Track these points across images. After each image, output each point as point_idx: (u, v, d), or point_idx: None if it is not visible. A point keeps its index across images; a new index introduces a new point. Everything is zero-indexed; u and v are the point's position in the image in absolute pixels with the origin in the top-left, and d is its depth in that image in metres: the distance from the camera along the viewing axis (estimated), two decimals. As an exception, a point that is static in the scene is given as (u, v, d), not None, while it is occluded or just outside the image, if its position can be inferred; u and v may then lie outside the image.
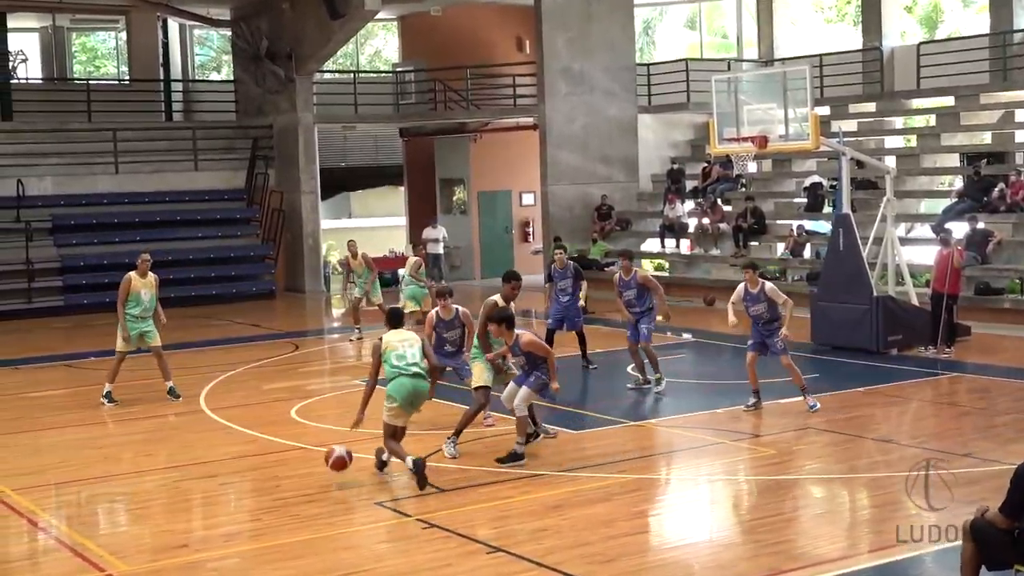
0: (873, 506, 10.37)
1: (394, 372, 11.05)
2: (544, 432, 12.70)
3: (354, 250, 21.25)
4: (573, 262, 17.98)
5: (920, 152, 27.07)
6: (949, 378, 16.24)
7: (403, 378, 11.02)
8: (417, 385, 11.11)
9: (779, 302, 13.80)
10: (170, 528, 10.14)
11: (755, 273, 14.05)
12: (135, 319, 15.52)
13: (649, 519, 10.32)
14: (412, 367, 11.08)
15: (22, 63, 32.55)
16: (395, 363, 11.05)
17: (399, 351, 11.10)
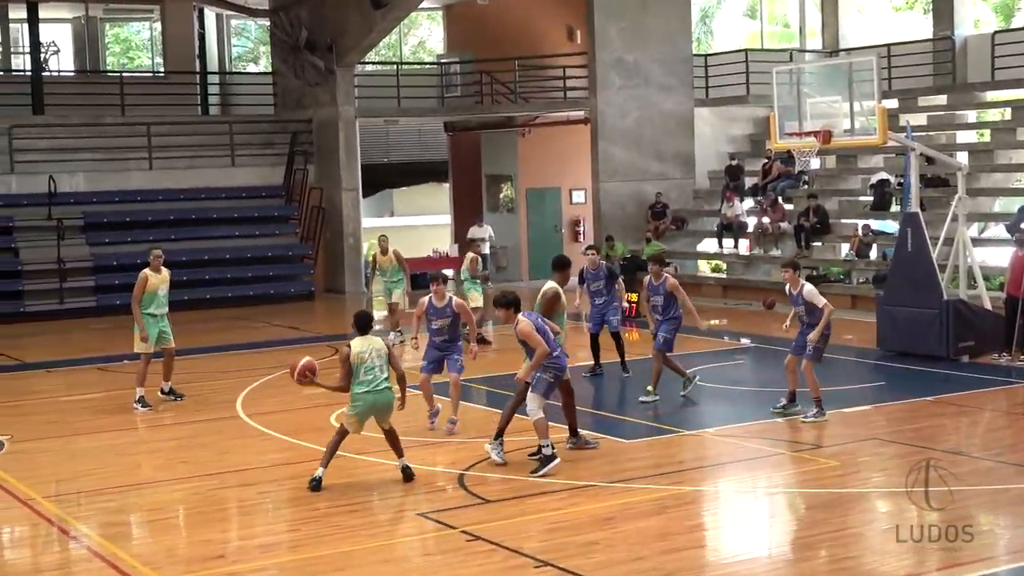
0: (942, 522, 10.28)
1: (362, 387, 11.27)
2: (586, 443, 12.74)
3: (385, 246, 21.31)
4: (606, 262, 17.87)
5: (994, 147, 26.79)
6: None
7: (370, 395, 11.28)
8: (381, 399, 11.34)
9: (818, 305, 13.70)
10: (206, 538, 10.24)
11: (795, 273, 14.04)
12: (154, 318, 15.78)
13: (705, 533, 10.30)
14: (381, 384, 11.30)
15: (54, 55, 33.00)
16: (364, 377, 11.26)
17: (368, 364, 11.26)
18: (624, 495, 11.05)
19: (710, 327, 16.26)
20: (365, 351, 11.29)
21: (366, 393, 11.24)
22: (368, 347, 11.33)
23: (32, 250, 26.64)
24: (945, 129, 28.55)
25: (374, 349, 11.33)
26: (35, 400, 17.14)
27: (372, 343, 11.38)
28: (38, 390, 18.08)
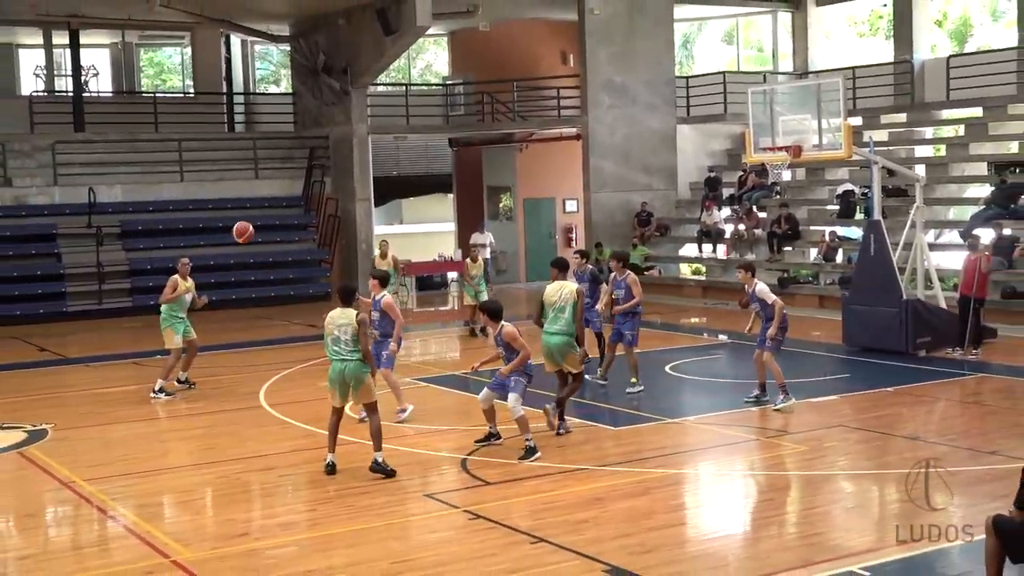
0: (901, 500, 10.29)
1: (329, 355, 11.28)
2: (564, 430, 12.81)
3: (385, 250, 21.23)
4: (592, 267, 17.78)
5: (949, 161, 26.83)
6: (976, 379, 16.08)
7: (335, 362, 11.21)
8: (344, 369, 11.15)
9: (768, 302, 13.78)
10: (231, 517, 10.25)
11: (747, 273, 14.11)
12: (181, 320, 16.00)
13: (686, 512, 10.31)
14: (342, 353, 11.14)
15: (93, 77, 33.03)
16: (331, 346, 11.22)
17: (334, 335, 11.18)
18: (612, 478, 11.05)
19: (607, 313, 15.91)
20: (335, 323, 11.20)
21: (332, 360, 11.20)
22: (339, 321, 11.19)
23: (73, 255, 26.63)
24: (904, 144, 28.54)
25: (343, 324, 11.15)
26: (75, 392, 17.14)
27: (344, 318, 11.19)
28: (78, 383, 18.07)
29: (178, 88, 38.96)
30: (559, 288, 13.13)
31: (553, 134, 32.14)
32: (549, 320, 12.93)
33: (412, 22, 26.53)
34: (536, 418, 12.49)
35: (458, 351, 21.48)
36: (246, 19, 30.78)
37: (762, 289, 13.91)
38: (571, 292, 13.05)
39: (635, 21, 29.63)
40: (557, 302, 12.94)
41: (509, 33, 32.79)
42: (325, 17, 29.57)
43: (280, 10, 29.71)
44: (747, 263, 14.94)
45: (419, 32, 27.88)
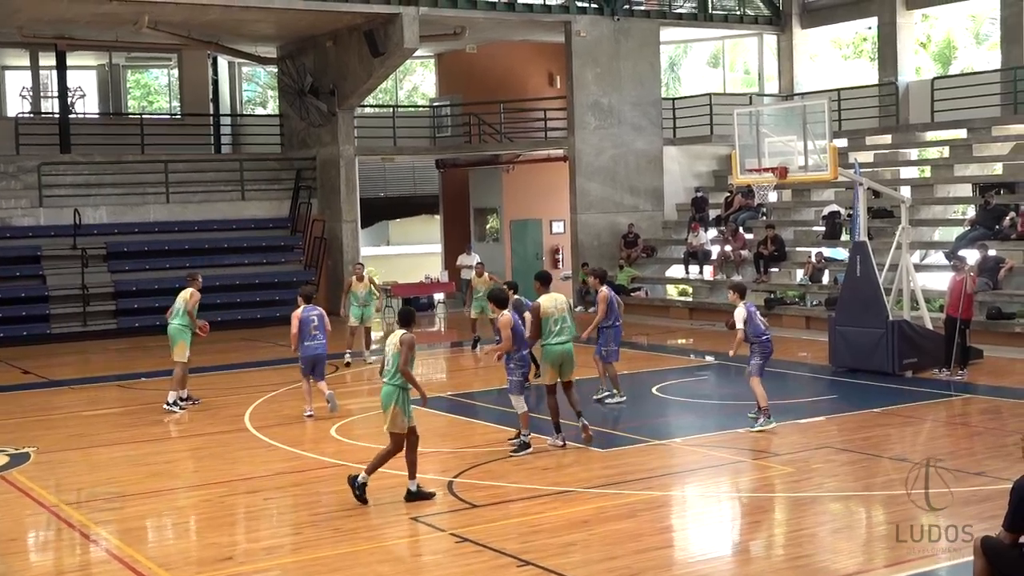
0: (889, 522, 10.27)
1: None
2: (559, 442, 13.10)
3: (360, 273, 21.21)
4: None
5: (934, 182, 26.94)
6: (962, 399, 16.09)
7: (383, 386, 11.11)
8: (381, 393, 11.07)
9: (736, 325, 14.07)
10: (215, 541, 10.16)
11: (735, 295, 14.34)
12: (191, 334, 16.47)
13: (674, 534, 10.26)
14: (384, 376, 11.09)
15: (80, 99, 32.97)
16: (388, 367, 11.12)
17: (387, 356, 11.11)
18: (599, 500, 11.01)
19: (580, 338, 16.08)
20: (388, 344, 11.13)
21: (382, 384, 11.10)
22: (390, 342, 11.11)
23: (58, 277, 26.52)
24: (890, 166, 28.65)
25: (390, 348, 11.08)
26: (59, 414, 17.03)
27: (395, 336, 11.06)
28: (62, 405, 17.97)
29: (165, 110, 38.93)
30: (553, 299, 13.48)
31: (540, 155, 32.18)
32: (554, 332, 13.22)
33: (399, 44, 26.63)
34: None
35: (444, 372, 21.42)
36: (233, 41, 30.80)
37: (738, 313, 13.98)
38: (565, 301, 13.63)
39: (621, 43, 29.75)
40: (555, 313, 13.24)
41: (496, 55, 32.87)
42: (313, 39, 29.62)
43: (267, 32, 29.73)
44: (738, 284, 15.01)
45: (406, 54, 27.94)
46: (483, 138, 32.46)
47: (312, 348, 15.47)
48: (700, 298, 27.51)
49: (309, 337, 15.41)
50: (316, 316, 15.53)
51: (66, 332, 25.84)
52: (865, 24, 33.62)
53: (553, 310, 13.27)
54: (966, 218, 24.53)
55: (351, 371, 20.39)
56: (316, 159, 30.63)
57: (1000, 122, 26.55)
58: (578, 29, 29.20)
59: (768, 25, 32.85)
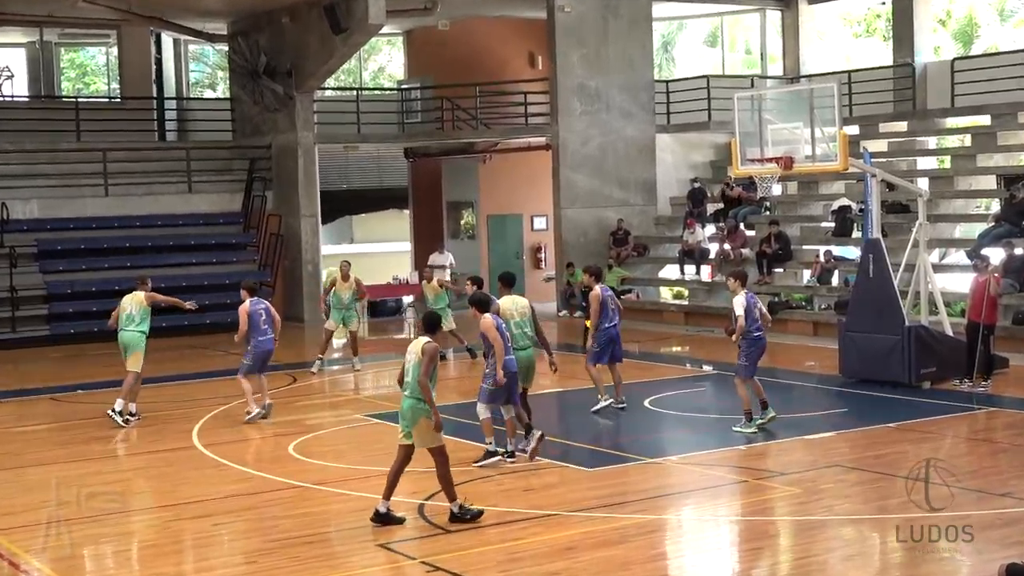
0: (905, 548, 10.33)
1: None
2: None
3: (347, 272, 21.42)
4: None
5: (954, 174, 27.08)
6: (986, 413, 16.18)
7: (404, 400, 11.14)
8: (402, 405, 11.11)
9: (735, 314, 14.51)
10: (160, 571, 10.14)
11: (736, 281, 14.86)
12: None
13: (667, 562, 10.27)
14: (406, 389, 11.10)
15: (8, 80, 32.82)
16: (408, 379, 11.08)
17: (408, 366, 11.08)
18: (586, 524, 11.03)
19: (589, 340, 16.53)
20: (408, 352, 11.07)
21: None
22: (410, 350, 11.06)
23: (-16, 278, 26.42)
24: (906, 155, 28.81)
25: (410, 356, 11.04)
26: (-14, 431, 16.96)
27: (413, 349, 11.04)
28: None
29: (103, 92, 38.82)
30: (513, 302, 13.90)
31: (520, 144, 32.23)
32: (514, 336, 13.50)
33: (364, 20, 26.58)
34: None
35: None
36: (179, 16, 30.75)
37: (737, 300, 14.41)
38: (526, 305, 14.02)
39: (610, 20, 29.83)
40: (515, 316, 13.58)
41: (471, 33, 32.90)
42: (267, 15, 29.58)
43: (217, 7, 29.70)
44: (739, 272, 15.36)
45: (371, 31, 27.94)
46: (457, 125, 32.48)
47: (265, 343, 16.12)
48: (697, 301, 27.59)
49: (260, 332, 15.92)
50: (263, 309, 16.18)
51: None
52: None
53: (514, 312, 13.63)
54: (990, 213, 24.68)
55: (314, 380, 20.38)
56: (271, 147, 30.59)
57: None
58: (562, 4, 29.24)
59: (771, 0, 32.97)
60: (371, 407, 17.55)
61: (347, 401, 19.14)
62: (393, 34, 36.10)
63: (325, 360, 21.61)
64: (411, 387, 10.93)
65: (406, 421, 11.00)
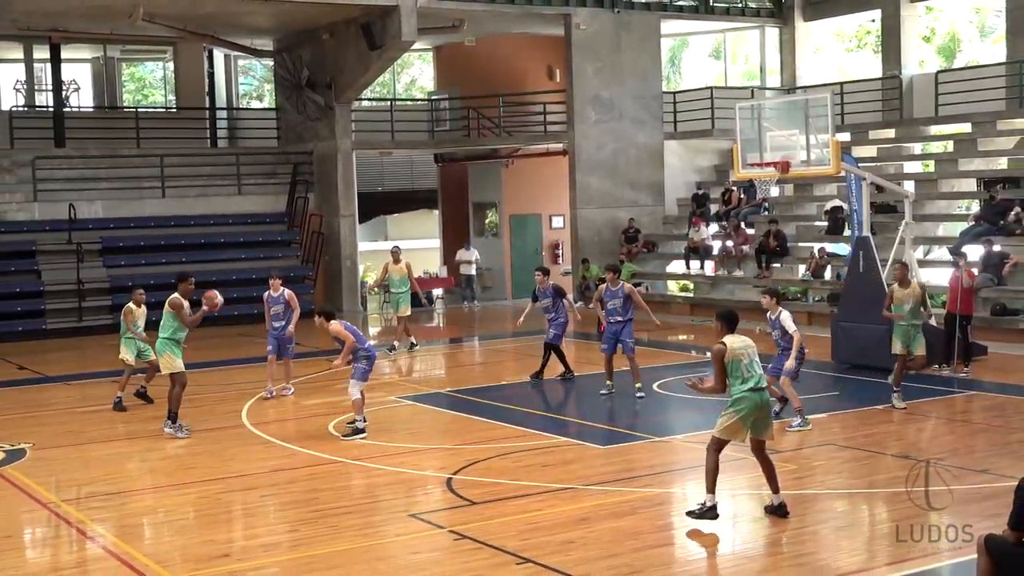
0: (892, 520, 10.29)
1: (746, 386, 10.09)
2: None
3: (398, 256, 21.86)
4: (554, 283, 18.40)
5: (938, 177, 26.98)
6: (966, 396, 16.13)
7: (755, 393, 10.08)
8: (765, 398, 10.16)
9: (788, 331, 13.65)
10: (212, 538, 10.18)
11: (772, 299, 13.84)
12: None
13: (674, 532, 10.25)
14: (761, 381, 10.12)
15: (75, 92, 32.96)
16: (746, 375, 10.06)
17: (747, 361, 10.07)
18: (599, 497, 11.03)
19: (657, 326, 17.19)
20: (740, 348, 10.07)
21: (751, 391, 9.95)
22: (744, 345, 10.11)
23: (53, 272, 26.56)
24: (893, 160, 28.68)
25: (751, 347, 10.12)
26: (55, 411, 17.07)
27: (747, 341, 10.17)
28: (57, 401, 18.00)
29: (160, 103, 38.94)
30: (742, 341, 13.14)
31: (539, 150, 32.21)
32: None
33: (397, 37, 26.62)
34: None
35: (443, 369, 21.45)
36: (229, 34, 30.81)
37: (786, 316, 13.71)
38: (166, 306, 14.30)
39: (622, 36, 29.76)
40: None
41: (495, 48, 32.88)
42: (309, 32, 29.61)
43: (264, 25, 29.74)
44: (772, 289, 14.41)
45: (404, 47, 27.94)
46: (482, 132, 32.48)
47: (371, 349, 14.99)
48: (701, 294, 27.53)
49: (362, 340, 14.39)
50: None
51: (61, 328, 25.89)
52: (868, 17, 33.64)
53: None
54: (970, 213, 24.55)
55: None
56: (313, 153, 30.64)
57: (1005, 116, 26.57)
58: (578, 22, 29.20)
59: (770, 17, 32.86)
60: (403, 389, 17.58)
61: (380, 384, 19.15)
62: (424, 50, 36.07)
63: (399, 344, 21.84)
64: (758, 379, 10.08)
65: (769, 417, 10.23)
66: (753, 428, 9.98)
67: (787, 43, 33.04)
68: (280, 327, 17.00)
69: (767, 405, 10.08)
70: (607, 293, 16.16)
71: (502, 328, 27.20)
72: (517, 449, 13.08)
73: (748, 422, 9.91)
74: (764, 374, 10.26)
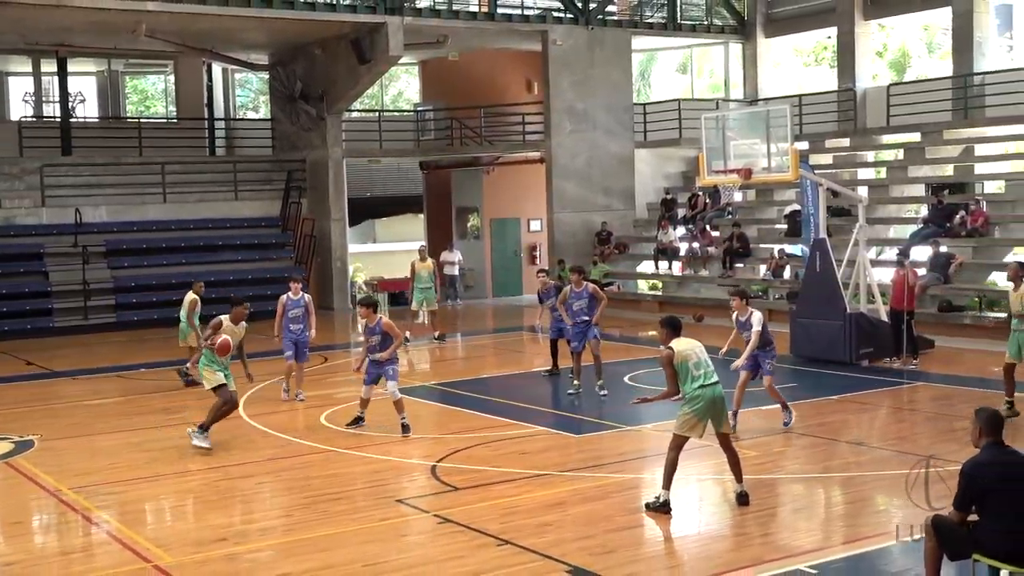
0: (846, 502, 10.37)
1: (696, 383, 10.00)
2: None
3: (424, 254, 22.17)
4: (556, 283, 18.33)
5: (889, 183, 27.07)
6: (914, 387, 16.22)
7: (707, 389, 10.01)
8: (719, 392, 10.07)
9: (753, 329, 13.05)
10: (211, 523, 10.16)
11: (741, 301, 13.30)
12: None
13: (643, 515, 10.28)
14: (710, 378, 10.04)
15: (80, 103, 32.80)
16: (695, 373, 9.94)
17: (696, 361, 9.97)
18: (573, 482, 11.05)
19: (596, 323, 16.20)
20: (687, 350, 9.98)
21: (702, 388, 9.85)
22: (691, 346, 10.03)
23: (60, 273, 26.41)
24: (848, 167, 28.77)
25: (698, 347, 10.04)
26: (62, 404, 16.98)
27: (693, 342, 10.09)
28: (64, 395, 17.91)
29: (161, 114, 38.71)
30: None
31: (518, 157, 32.18)
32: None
33: (385, 52, 26.61)
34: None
35: (428, 363, 21.42)
36: (227, 49, 30.67)
37: (757, 319, 13.09)
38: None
39: (595, 51, 29.79)
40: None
41: (476, 62, 32.84)
42: (302, 47, 29.53)
43: (259, 40, 29.63)
44: (742, 291, 13.78)
45: (391, 61, 27.90)
46: (464, 141, 32.44)
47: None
48: (669, 292, 27.58)
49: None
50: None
51: (68, 326, 25.74)
52: (825, 33, 33.74)
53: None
54: (919, 216, 24.68)
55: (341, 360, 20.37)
56: (306, 161, 30.56)
57: (951, 126, 26.71)
58: (554, 38, 29.21)
59: (734, 34, 32.93)
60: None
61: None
62: (410, 64, 35.98)
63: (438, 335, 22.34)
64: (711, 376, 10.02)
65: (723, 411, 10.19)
66: (713, 422, 9.98)
67: (749, 58, 33.11)
68: (299, 330, 16.17)
69: (721, 399, 10.03)
70: (572, 295, 15.93)
71: (484, 325, 27.20)
72: (497, 438, 13.10)
73: (705, 418, 9.92)
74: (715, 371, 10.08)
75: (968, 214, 22.60)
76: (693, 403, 9.91)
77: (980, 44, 27.05)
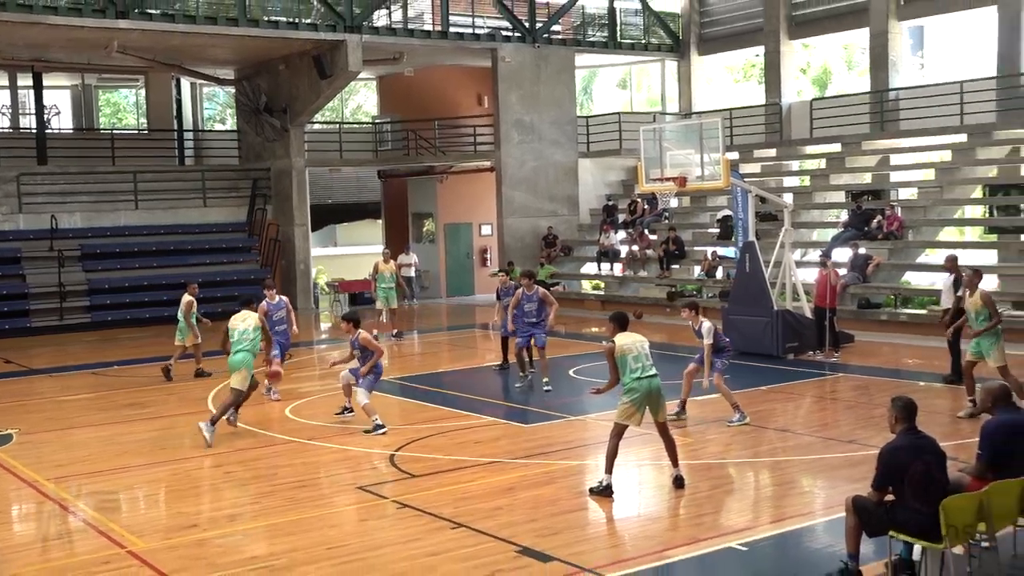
0: (774, 484, 10.47)
1: (634, 375, 10.06)
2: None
3: (387, 256, 22.40)
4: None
5: (812, 190, 27.37)
6: (836, 378, 16.41)
7: (644, 380, 10.05)
8: (656, 384, 10.07)
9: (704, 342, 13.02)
10: (182, 511, 10.06)
11: (692, 312, 13.11)
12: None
13: (587, 499, 10.32)
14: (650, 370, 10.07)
15: (55, 115, 32.34)
16: (633, 365, 10.01)
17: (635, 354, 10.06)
18: (522, 469, 11.07)
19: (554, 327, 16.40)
20: (628, 344, 10.00)
21: (638, 380, 9.87)
22: (633, 341, 10.04)
23: (37, 276, 26.01)
24: (774, 175, 29.04)
25: (639, 342, 10.04)
26: (38, 400, 16.72)
27: (635, 337, 10.04)
28: (41, 391, 17.65)
29: (133, 126, 38.29)
30: (244, 317, 13.46)
31: (470, 167, 32.17)
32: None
33: (345, 67, 26.49)
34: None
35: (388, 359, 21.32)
36: (195, 64, 30.38)
37: (707, 329, 13.00)
38: (256, 319, 13.45)
39: (541, 68, 29.85)
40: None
41: (431, 77, 32.79)
42: (267, 63, 29.31)
43: (226, 56, 29.37)
44: (692, 302, 13.49)
45: (351, 76, 27.78)
46: (419, 151, 32.37)
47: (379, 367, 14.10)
48: (611, 292, 27.69)
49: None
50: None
51: (44, 326, 25.36)
52: (753, 52, 34.06)
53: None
54: (840, 221, 24.96)
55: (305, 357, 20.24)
56: (271, 170, 30.33)
57: (869, 138, 27.05)
58: (503, 55, 29.24)
59: (670, 52, 33.13)
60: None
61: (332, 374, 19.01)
62: (368, 79, 35.87)
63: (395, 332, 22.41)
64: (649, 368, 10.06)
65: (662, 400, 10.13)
66: (651, 410, 10.06)
67: (684, 75, 33.34)
68: (283, 331, 15.82)
69: (658, 389, 10.07)
70: (524, 297, 15.93)
71: (439, 323, 27.16)
72: (452, 428, 13.09)
73: (642, 407, 9.99)
74: (653, 364, 10.10)
75: (884, 219, 22.91)
76: (631, 393, 9.98)
77: (895, 62, 27.44)
